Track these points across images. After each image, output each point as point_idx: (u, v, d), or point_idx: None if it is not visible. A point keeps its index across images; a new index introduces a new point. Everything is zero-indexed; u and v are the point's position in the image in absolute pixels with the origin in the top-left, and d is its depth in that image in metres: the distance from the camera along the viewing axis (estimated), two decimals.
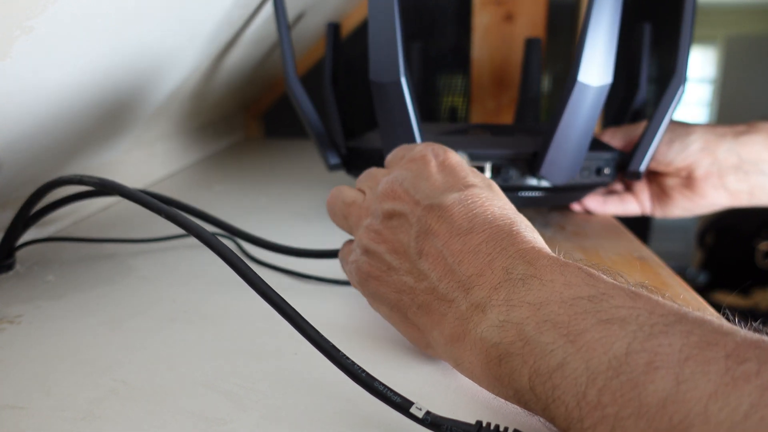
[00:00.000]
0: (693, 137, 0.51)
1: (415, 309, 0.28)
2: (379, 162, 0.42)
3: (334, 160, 0.54)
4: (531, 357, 0.22)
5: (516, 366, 0.23)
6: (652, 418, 0.18)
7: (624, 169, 0.50)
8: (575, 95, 0.41)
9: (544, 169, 0.45)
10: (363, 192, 0.35)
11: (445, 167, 0.31)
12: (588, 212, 0.57)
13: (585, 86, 0.41)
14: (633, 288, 0.23)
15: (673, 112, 0.48)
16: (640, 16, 0.91)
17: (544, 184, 0.47)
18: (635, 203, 0.57)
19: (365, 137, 0.56)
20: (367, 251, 0.31)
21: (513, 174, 0.46)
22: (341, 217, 0.36)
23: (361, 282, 0.32)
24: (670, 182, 0.54)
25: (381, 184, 0.32)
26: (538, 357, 0.22)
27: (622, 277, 0.24)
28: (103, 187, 0.34)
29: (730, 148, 0.50)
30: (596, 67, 0.40)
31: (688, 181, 0.52)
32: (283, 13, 0.52)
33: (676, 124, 0.53)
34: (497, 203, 0.29)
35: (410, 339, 0.30)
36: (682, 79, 0.47)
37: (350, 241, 0.36)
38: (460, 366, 0.26)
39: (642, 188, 0.57)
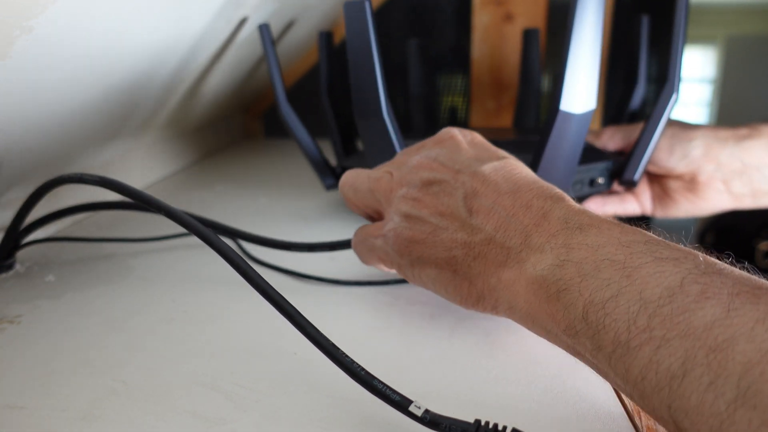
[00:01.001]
0: (695, 142, 0.51)
1: (471, 261, 0.29)
2: None
3: (330, 181, 0.56)
4: (587, 290, 0.23)
5: (572, 299, 0.24)
6: (697, 337, 0.19)
7: (619, 176, 0.50)
8: (558, 124, 0.41)
9: None
10: (389, 173, 0.35)
11: (475, 144, 0.33)
12: None
13: (568, 115, 0.41)
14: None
15: (665, 120, 0.48)
16: (639, 8, 0.91)
17: None
18: (635, 203, 0.57)
19: (359, 155, 0.57)
20: (408, 217, 0.32)
21: None
22: (366, 191, 0.35)
23: (401, 249, 0.32)
24: (673, 185, 0.54)
25: (413, 160, 0.33)
26: (594, 290, 0.23)
27: None
28: (104, 185, 0.34)
29: (732, 153, 0.50)
30: (579, 95, 0.40)
31: (691, 185, 0.52)
32: (269, 39, 0.53)
33: (677, 127, 0.52)
34: (530, 172, 0.31)
35: (459, 297, 0.31)
36: (675, 88, 0.47)
37: (367, 226, 0.36)
38: (513, 309, 0.28)
39: (643, 189, 0.56)
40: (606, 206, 0.56)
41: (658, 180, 0.55)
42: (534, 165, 0.44)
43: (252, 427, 0.25)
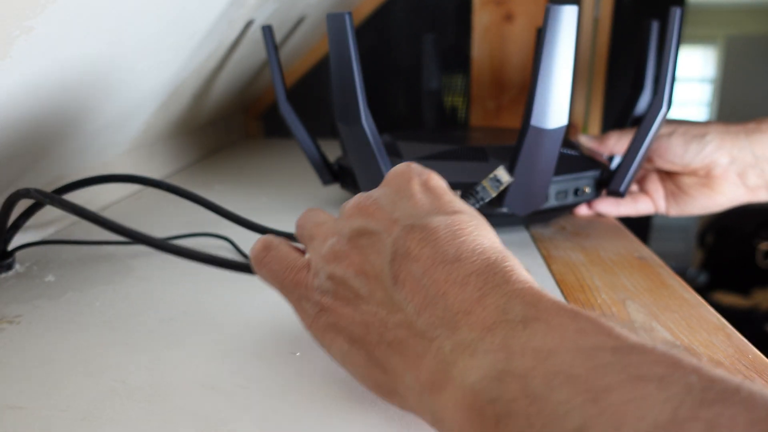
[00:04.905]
0: (708, 137, 0.51)
1: (384, 347, 0.23)
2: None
3: (327, 178, 0.57)
4: (539, 418, 0.17)
5: (518, 429, 0.18)
6: None
7: (606, 186, 0.51)
8: (529, 139, 0.42)
9: (508, 201, 0.46)
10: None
11: (428, 188, 0.27)
12: (600, 215, 0.57)
13: (539, 130, 0.41)
14: (664, 346, 0.18)
15: (654, 133, 0.48)
16: (641, 12, 0.91)
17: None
18: (649, 203, 0.57)
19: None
20: (332, 277, 0.26)
21: (481, 204, 0.47)
22: (308, 237, 0.30)
23: (320, 312, 0.26)
24: (687, 181, 0.54)
25: (351, 201, 0.28)
26: (549, 419, 0.17)
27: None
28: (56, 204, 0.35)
29: (744, 147, 0.51)
30: (549, 111, 0.41)
31: (707, 179, 0.53)
32: (271, 41, 0.53)
33: (689, 125, 0.52)
34: (487, 235, 0.25)
35: (370, 384, 0.25)
36: (664, 103, 0.47)
37: (282, 247, 0.29)
38: (439, 423, 0.21)
39: (656, 188, 0.57)
40: (619, 208, 0.56)
41: (671, 177, 0.55)
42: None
43: (252, 427, 0.25)
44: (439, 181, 0.28)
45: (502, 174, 0.40)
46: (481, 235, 0.24)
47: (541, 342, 0.19)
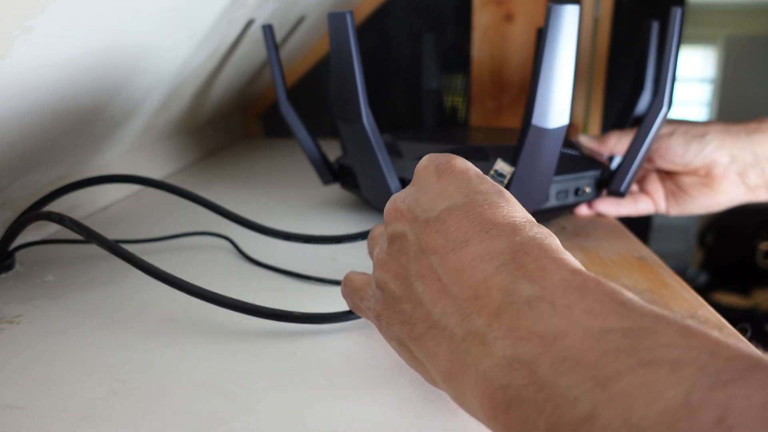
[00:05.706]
0: (708, 137, 0.51)
1: (414, 341, 0.24)
2: None
3: (327, 178, 0.58)
4: (548, 404, 0.17)
5: (529, 415, 0.18)
6: None
7: (607, 186, 0.51)
8: (530, 138, 0.42)
9: None
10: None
11: (445, 175, 0.26)
12: (600, 215, 0.57)
13: (540, 129, 0.41)
14: (681, 320, 0.17)
15: (654, 134, 0.48)
16: (641, 12, 0.91)
17: None
18: (649, 202, 0.57)
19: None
20: (377, 284, 0.27)
21: None
22: (370, 252, 0.33)
23: (377, 319, 0.28)
24: (688, 180, 0.54)
25: (387, 205, 0.29)
26: (558, 405, 0.17)
27: (658, 304, 0.19)
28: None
29: (744, 146, 0.51)
30: (550, 111, 0.41)
31: (707, 179, 0.53)
32: (272, 40, 0.53)
33: (689, 125, 0.53)
34: (504, 210, 0.24)
35: (424, 378, 0.27)
36: (665, 103, 0.47)
37: (354, 278, 0.32)
38: (461, 401, 0.22)
39: (656, 187, 0.57)
40: (620, 208, 0.56)
41: (671, 177, 0.55)
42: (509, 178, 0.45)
43: (252, 427, 0.25)
44: (458, 165, 0.27)
45: (502, 166, 0.40)
46: (496, 211, 0.23)
47: (547, 325, 0.18)
